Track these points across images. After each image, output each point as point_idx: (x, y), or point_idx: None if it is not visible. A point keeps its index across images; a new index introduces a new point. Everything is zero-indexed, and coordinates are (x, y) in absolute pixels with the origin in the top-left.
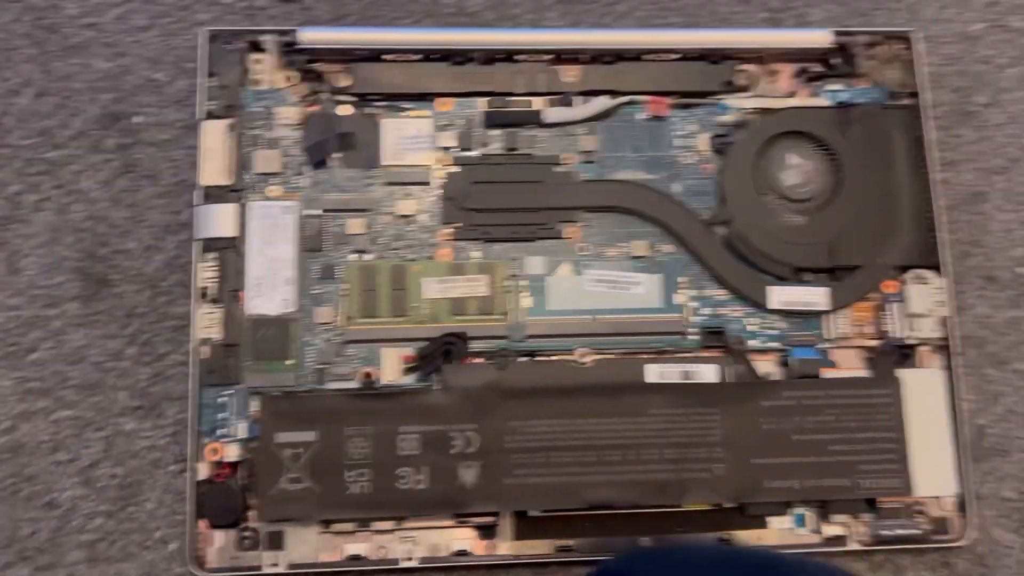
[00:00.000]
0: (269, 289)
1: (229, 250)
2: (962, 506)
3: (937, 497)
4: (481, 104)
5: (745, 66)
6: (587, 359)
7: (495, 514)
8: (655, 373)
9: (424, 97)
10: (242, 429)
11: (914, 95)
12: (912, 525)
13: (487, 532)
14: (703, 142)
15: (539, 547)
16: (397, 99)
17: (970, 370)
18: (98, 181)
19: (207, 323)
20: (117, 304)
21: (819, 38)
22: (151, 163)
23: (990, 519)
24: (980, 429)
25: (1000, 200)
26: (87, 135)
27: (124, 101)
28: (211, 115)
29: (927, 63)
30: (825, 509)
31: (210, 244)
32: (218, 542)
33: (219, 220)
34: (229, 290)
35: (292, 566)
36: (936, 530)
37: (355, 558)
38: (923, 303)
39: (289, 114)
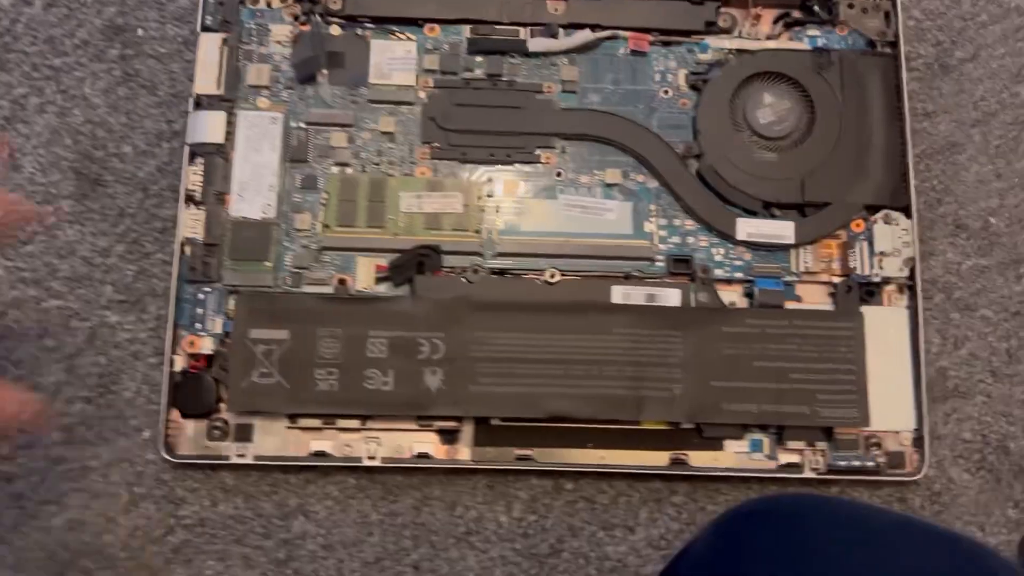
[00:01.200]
0: (252, 194)
1: (216, 156)
2: (919, 442)
3: (895, 432)
4: (467, 32)
5: (728, 9)
6: (556, 279)
7: (458, 420)
8: (620, 294)
9: (412, 22)
10: (218, 324)
11: (893, 44)
12: (868, 457)
13: (449, 437)
14: (682, 78)
15: (498, 455)
16: (386, 22)
17: (936, 314)
18: (98, 88)
19: (191, 223)
20: (109, 204)
21: None
22: (150, 74)
23: (947, 459)
24: (942, 371)
25: (975, 152)
26: (91, 44)
27: (128, 14)
28: (208, 29)
29: (908, 15)
30: (781, 436)
31: (199, 149)
32: (189, 432)
33: (209, 126)
34: (214, 193)
35: (258, 458)
36: (891, 464)
37: (319, 454)
38: (889, 242)
39: (282, 32)
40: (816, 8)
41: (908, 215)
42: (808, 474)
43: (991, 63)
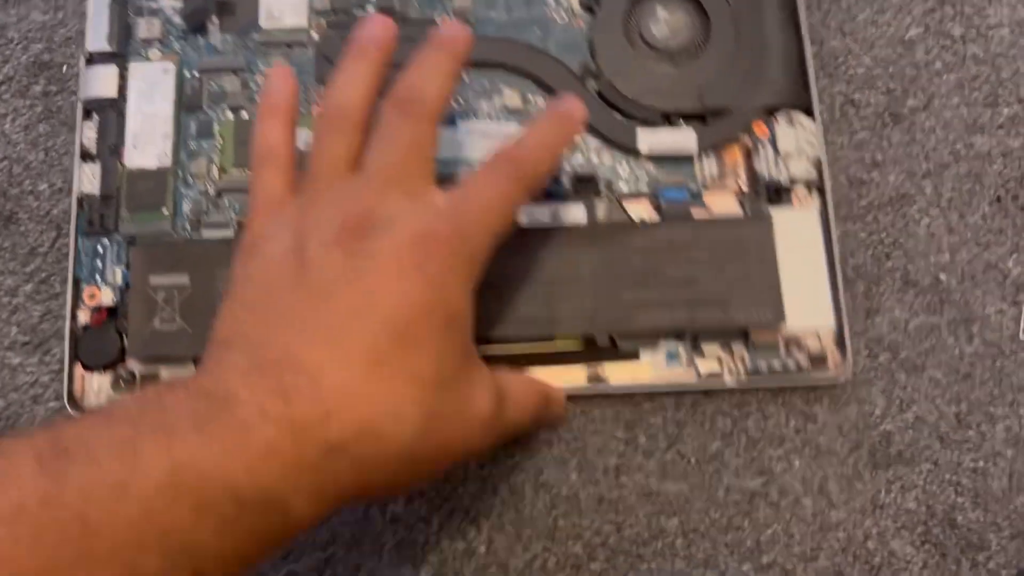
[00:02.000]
0: (147, 144)
1: (110, 110)
2: (841, 343)
3: (815, 333)
4: None
5: None
6: None
7: None
8: (524, 215)
9: None
10: (119, 275)
11: None
12: (788, 358)
13: None
14: (575, 1)
15: None
16: None
17: (881, 374)
18: (19, 125)
19: (88, 180)
20: (20, 242)
21: None
22: (72, 111)
23: (890, 530)
24: (886, 435)
25: (925, 204)
26: (15, 81)
27: (55, 51)
28: None
29: (857, 62)
30: (697, 343)
31: (92, 105)
32: (94, 384)
33: (101, 81)
34: (109, 146)
35: None
36: (813, 364)
37: None
38: (793, 143)
39: None
40: None
41: (811, 116)
42: (729, 382)
43: (944, 112)
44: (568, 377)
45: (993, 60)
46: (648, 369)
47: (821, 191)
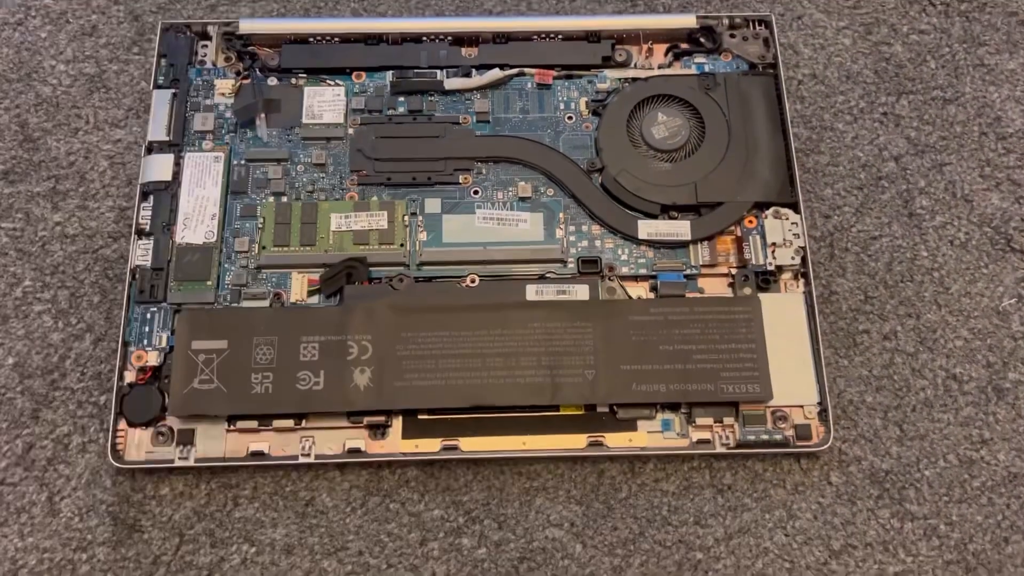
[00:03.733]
0: (196, 223)
1: (165, 192)
2: (823, 415)
3: (800, 406)
4: (390, 76)
5: (623, 45)
6: (475, 283)
7: (387, 415)
8: (533, 292)
9: (341, 71)
10: (164, 339)
11: (772, 65)
12: (775, 431)
13: (379, 432)
14: (583, 105)
15: (426, 446)
16: (318, 72)
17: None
18: None
19: (141, 252)
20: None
21: (685, 21)
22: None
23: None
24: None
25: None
26: None
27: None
28: (159, 86)
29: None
30: (691, 415)
31: (150, 188)
32: (136, 438)
33: (158, 167)
34: (162, 223)
35: (200, 460)
36: (799, 436)
37: (257, 454)
38: (780, 234)
39: (225, 85)
40: (702, 39)
41: (796, 211)
42: (719, 449)
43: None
44: (569, 442)
45: None
46: (644, 436)
47: (806, 277)
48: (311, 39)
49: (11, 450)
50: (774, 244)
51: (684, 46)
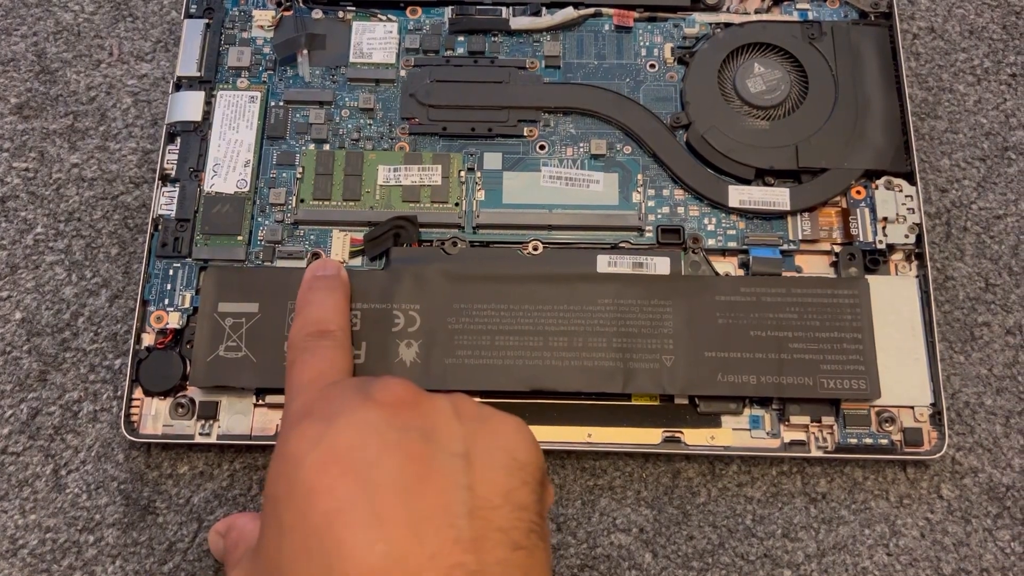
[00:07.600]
0: (227, 171)
1: (193, 134)
2: (937, 419)
3: (910, 408)
4: (449, 12)
5: None
6: (539, 251)
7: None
8: (605, 263)
9: (395, 5)
10: (187, 299)
11: (887, 15)
12: (881, 435)
13: None
14: (668, 52)
15: None
16: (368, 5)
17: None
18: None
19: (165, 201)
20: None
21: None
22: None
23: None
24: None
25: None
26: None
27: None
28: (191, 15)
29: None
30: (784, 412)
31: (177, 129)
32: (153, 409)
33: (187, 106)
34: (189, 170)
35: (223, 436)
36: (908, 441)
37: None
38: (892, 208)
39: (264, 17)
40: None
41: (912, 182)
42: (815, 452)
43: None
44: (641, 436)
45: None
46: (728, 434)
47: (920, 259)
48: None
49: (15, 415)
50: (885, 219)
51: None
